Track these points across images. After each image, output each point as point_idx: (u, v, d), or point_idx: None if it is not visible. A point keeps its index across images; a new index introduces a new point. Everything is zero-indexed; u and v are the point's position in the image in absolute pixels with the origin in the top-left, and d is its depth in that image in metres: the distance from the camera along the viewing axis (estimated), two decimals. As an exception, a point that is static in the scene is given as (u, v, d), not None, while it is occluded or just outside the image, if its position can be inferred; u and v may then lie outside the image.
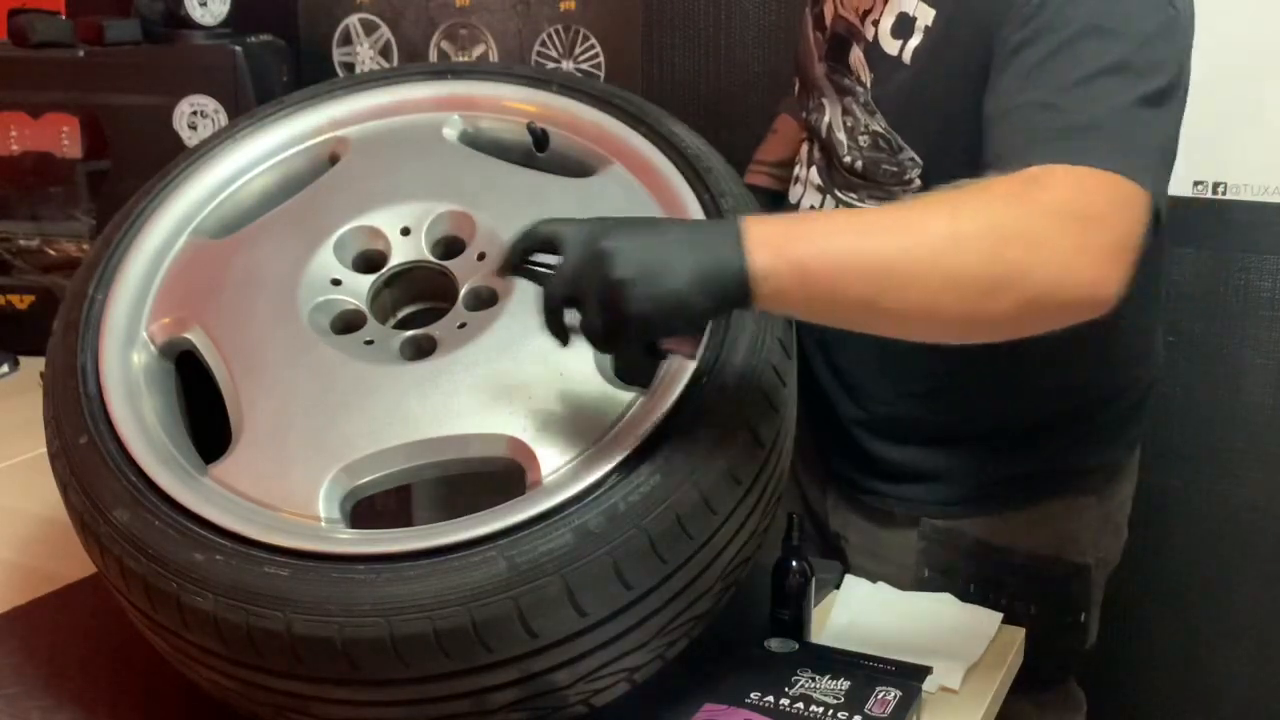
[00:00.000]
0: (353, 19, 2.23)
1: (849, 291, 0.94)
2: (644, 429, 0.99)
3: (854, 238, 0.95)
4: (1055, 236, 0.96)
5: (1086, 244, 0.96)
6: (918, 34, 1.23)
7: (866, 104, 1.29)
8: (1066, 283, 0.96)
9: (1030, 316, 0.98)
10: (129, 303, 1.15)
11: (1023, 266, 0.95)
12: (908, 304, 0.95)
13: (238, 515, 0.99)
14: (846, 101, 1.32)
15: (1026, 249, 0.95)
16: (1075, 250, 0.96)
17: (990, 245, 0.95)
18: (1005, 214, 0.97)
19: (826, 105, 1.35)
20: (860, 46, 1.30)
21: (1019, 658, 1.29)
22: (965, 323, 0.98)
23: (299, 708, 1.00)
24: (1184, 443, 1.84)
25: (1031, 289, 0.95)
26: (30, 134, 2.14)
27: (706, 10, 2.00)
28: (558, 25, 2.09)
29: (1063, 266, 0.95)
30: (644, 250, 0.93)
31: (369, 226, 1.17)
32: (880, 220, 1.00)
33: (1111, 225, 0.98)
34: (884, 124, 1.27)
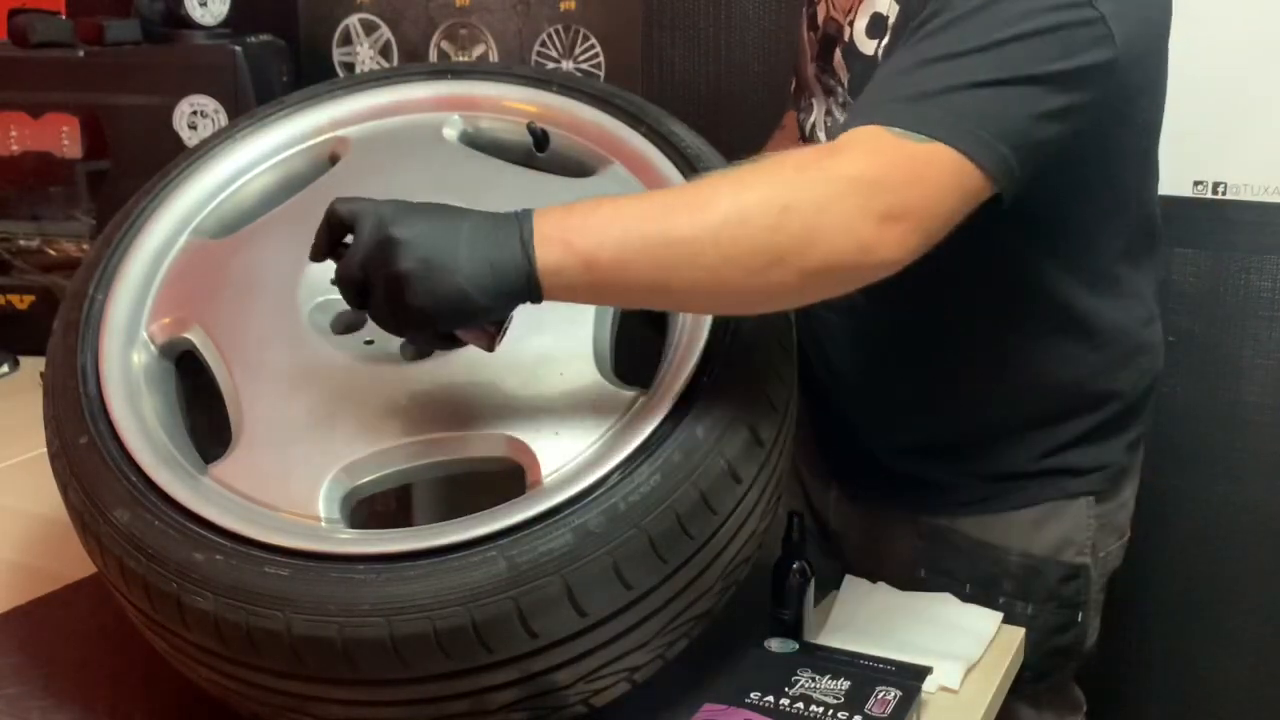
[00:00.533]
0: (353, 19, 2.23)
1: (637, 278, 0.95)
2: (644, 429, 0.99)
3: (638, 223, 0.95)
4: (836, 202, 0.96)
5: (867, 207, 0.96)
6: (888, 33, 1.24)
7: (845, 103, 1.30)
8: (843, 248, 0.96)
9: (813, 284, 0.99)
10: (129, 303, 1.15)
11: (802, 237, 0.95)
12: (695, 282, 0.95)
13: (238, 515, 0.99)
14: (829, 102, 1.33)
15: (806, 218, 0.95)
16: (856, 214, 0.96)
17: (773, 216, 0.94)
18: (791, 184, 0.97)
19: (815, 105, 1.36)
20: (840, 47, 1.31)
21: (1019, 658, 1.29)
22: (751, 294, 0.98)
23: (299, 708, 1.00)
24: (1184, 443, 1.84)
25: (812, 259, 0.96)
26: (30, 134, 2.14)
27: (706, 10, 2.00)
28: (558, 25, 2.09)
29: (843, 231, 0.96)
30: (430, 243, 0.93)
31: (369, 226, 1.17)
32: (666, 200, 0.99)
33: (900, 188, 0.98)
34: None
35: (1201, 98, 1.73)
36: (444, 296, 0.92)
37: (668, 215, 0.95)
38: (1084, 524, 1.39)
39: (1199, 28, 1.72)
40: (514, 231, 0.94)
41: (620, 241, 0.94)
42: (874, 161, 0.99)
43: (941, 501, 1.39)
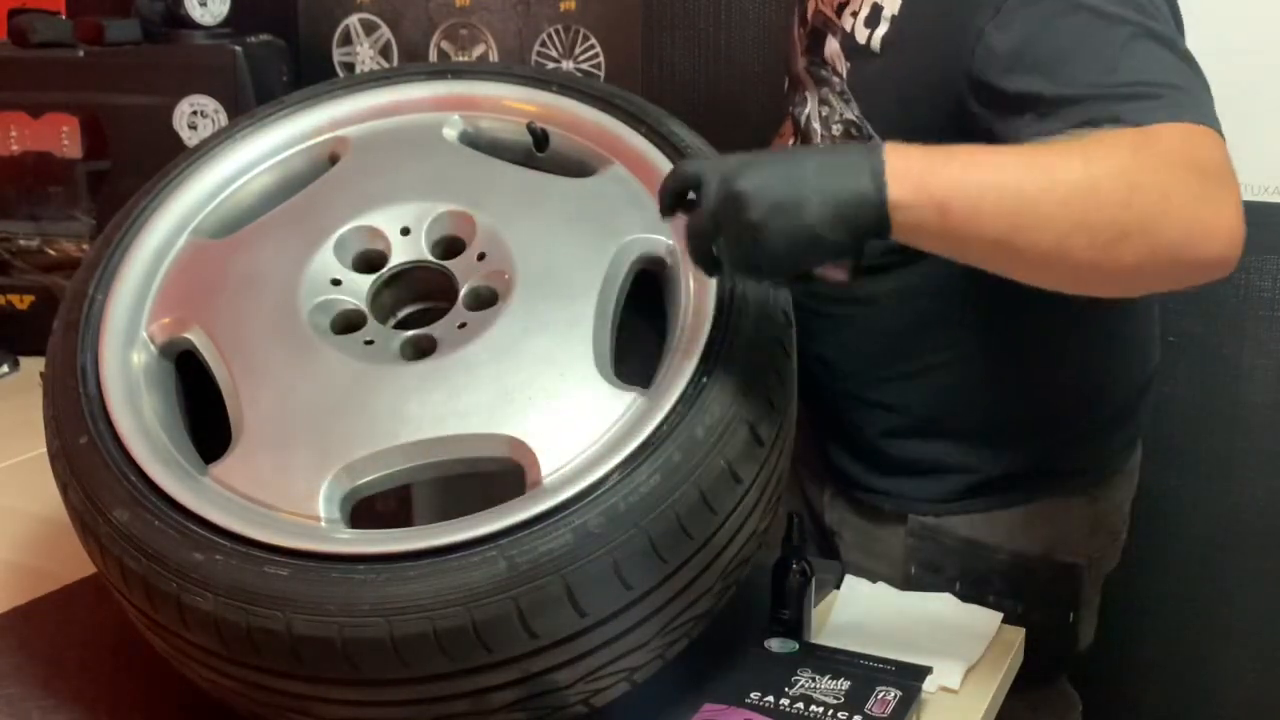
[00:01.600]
0: (353, 19, 2.23)
1: (984, 228, 0.95)
2: (644, 429, 0.99)
3: (993, 174, 0.96)
4: (1181, 188, 0.96)
5: (1210, 196, 0.97)
6: (885, 23, 1.24)
7: (842, 93, 1.30)
8: (1196, 234, 0.96)
9: (1156, 268, 0.98)
10: (129, 303, 1.15)
11: (1154, 215, 0.95)
12: (1040, 245, 0.95)
13: (238, 515, 0.99)
14: (823, 92, 1.33)
15: (1158, 199, 0.95)
16: (1201, 202, 0.96)
17: (1123, 193, 0.94)
18: (1134, 163, 0.96)
19: (808, 98, 1.36)
20: (836, 38, 1.31)
21: (1019, 658, 1.29)
22: (1092, 269, 0.97)
23: (299, 708, 1.00)
24: (1184, 443, 1.84)
25: (1162, 238, 0.95)
26: (30, 134, 2.14)
27: (706, 10, 2.00)
28: (558, 25, 2.09)
29: (1193, 218, 0.96)
30: (777, 189, 0.95)
31: (369, 226, 1.17)
32: (1017, 159, 0.98)
33: (1226, 178, 0.99)
34: (856, 112, 1.28)
35: (1201, 98, 1.73)
36: (796, 239, 0.94)
37: (1018, 173, 0.95)
38: (1076, 524, 1.39)
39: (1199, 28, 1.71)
40: (865, 167, 0.95)
41: (971, 189, 0.94)
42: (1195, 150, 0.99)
43: (932, 500, 1.39)
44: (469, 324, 1.09)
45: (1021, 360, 1.32)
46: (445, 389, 1.04)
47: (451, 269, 1.15)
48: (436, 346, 1.09)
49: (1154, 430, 1.49)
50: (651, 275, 1.14)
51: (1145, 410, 1.44)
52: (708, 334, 1.05)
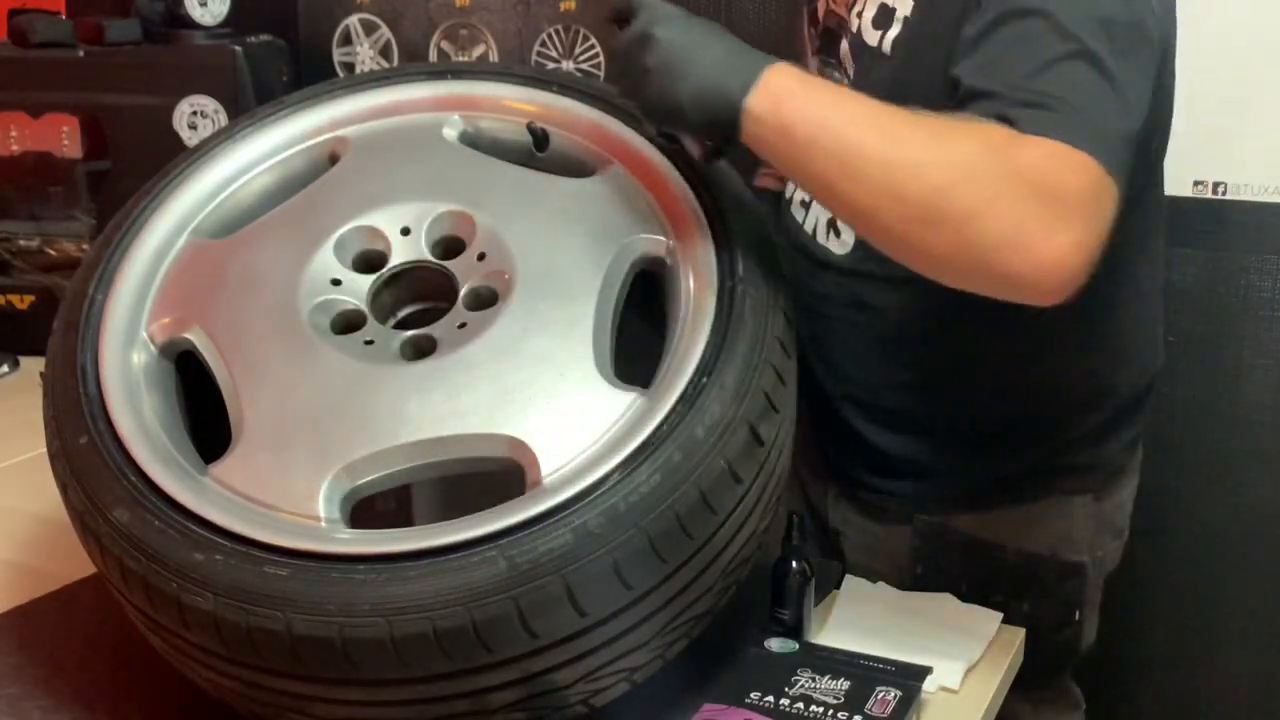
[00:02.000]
0: (353, 19, 2.23)
1: (813, 164, 1.02)
2: (644, 429, 0.99)
3: (844, 119, 1.01)
4: (1015, 199, 0.97)
5: (1044, 219, 0.97)
6: (896, 24, 1.24)
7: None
8: (1010, 248, 0.97)
9: (963, 265, 0.99)
10: (129, 303, 1.15)
11: (969, 211, 0.97)
12: (856, 199, 1.01)
13: (238, 515, 0.99)
14: None
15: (983, 199, 0.97)
16: (1029, 216, 0.97)
17: (948, 181, 0.97)
18: (983, 159, 0.98)
19: None
20: (847, 39, 1.31)
21: (1019, 658, 1.29)
22: (900, 242, 1.02)
23: (299, 708, 1.00)
24: (1184, 443, 1.84)
25: (971, 237, 0.97)
26: (30, 134, 2.14)
27: (706, 10, 2.00)
28: (558, 25, 2.09)
29: (1014, 232, 0.96)
30: (676, 49, 1.03)
31: (369, 226, 1.17)
32: (876, 117, 1.02)
33: (1075, 209, 0.98)
34: None
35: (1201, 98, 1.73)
36: (666, 101, 1.04)
37: (866, 128, 1.01)
38: (1081, 522, 1.39)
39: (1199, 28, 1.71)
40: (746, 69, 1.03)
41: (821, 128, 1.01)
42: (1058, 174, 0.99)
43: (938, 500, 1.39)
44: (469, 324, 1.09)
45: (1026, 363, 1.32)
46: (445, 389, 1.04)
47: (451, 269, 1.15)
48: (436, 346, 1.09)
49: (1154, 430, 1.49)
50: (651, 275, 1.14)
51: (1147, 410, 1.44)
52: (708, 334, 1.05)
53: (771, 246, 1.14)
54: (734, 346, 1.04)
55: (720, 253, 1.10)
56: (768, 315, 1.07)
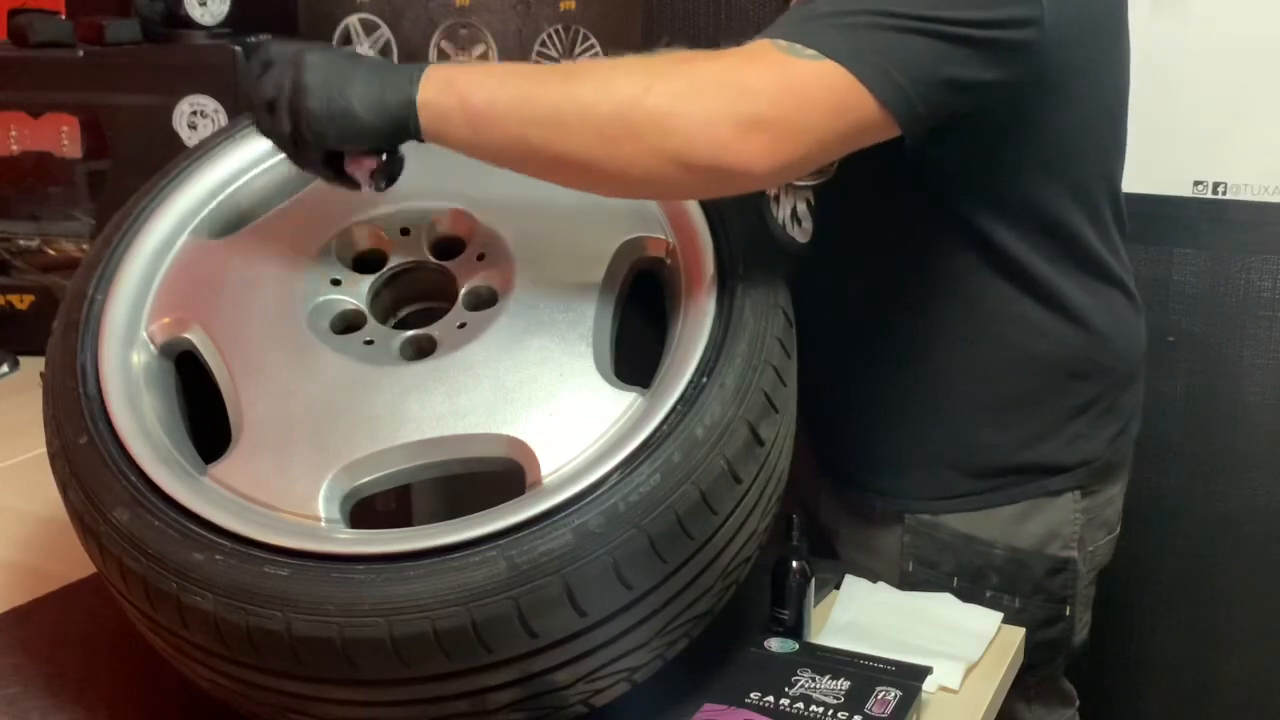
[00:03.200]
0: (353, 19, 2.23)
1: (505, 128, 1.02)
2: (644, 429, 0.99)
3: (519, 81, 1.03)
4: (700, 96, 0.99)
5: (730, 109, 0.99)
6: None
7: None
8: (698, 140, 0.99)
9: (672, 171, 1.01)
10: (129, 302, 1.15)
11: (658, 119, 0.99)
12: (552, 142, 1.01)
13: (238, 515, 0.99)
14: None
15: (666, 102, 0.99)
16: (717, 112, 0.99)
17: (634, 94, 0.99)
18: (663, 73, 1.01)
19: None
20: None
21: (1019, 658, 1.29)
22: (604, 167, 1.02)
23: (299, 708, 1.00)
24: (1184, 443, 1.84)
25: (668, 144, 0.99)
26: (30, 134, 2.14)
27: (706, 10, 2.00)
28: (558, 25, 2.09)
29: (701, 124, 0.99)
30: (333, 66, 1.05)
31: (369, 226, 1.17)
32: (550, 69, 1.07)
33: (771, 98, 1.01)
34: None
35: (1201, 98, 1.73)
36: (336, 109, 1.03)
37: (545, 78, 1.03)
38: (1069, 518, 1.40)
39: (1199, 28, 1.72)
40: (406, 70, 1.05)
41: (495, 89, 1.02)
42: (749, 68, 1.02)
43: (926, 499, 1.39)
44: (469, 324, 1.09)
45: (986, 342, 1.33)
46: (445, 389, 1.04)
47: (451, 269, 1.15)
48: (436, 346, 1.09)
49: (1154, 430, 1.49)
50: (651, 275, 1.14)
51: (1132, 404, 1.44)
52: (708, 334, 1.05)
53: (772, 246, 1.14)
54: (734, 346, 1.04)
55: (720, 253, 1.10)
56: (768, 315, 1.07)
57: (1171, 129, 1.74)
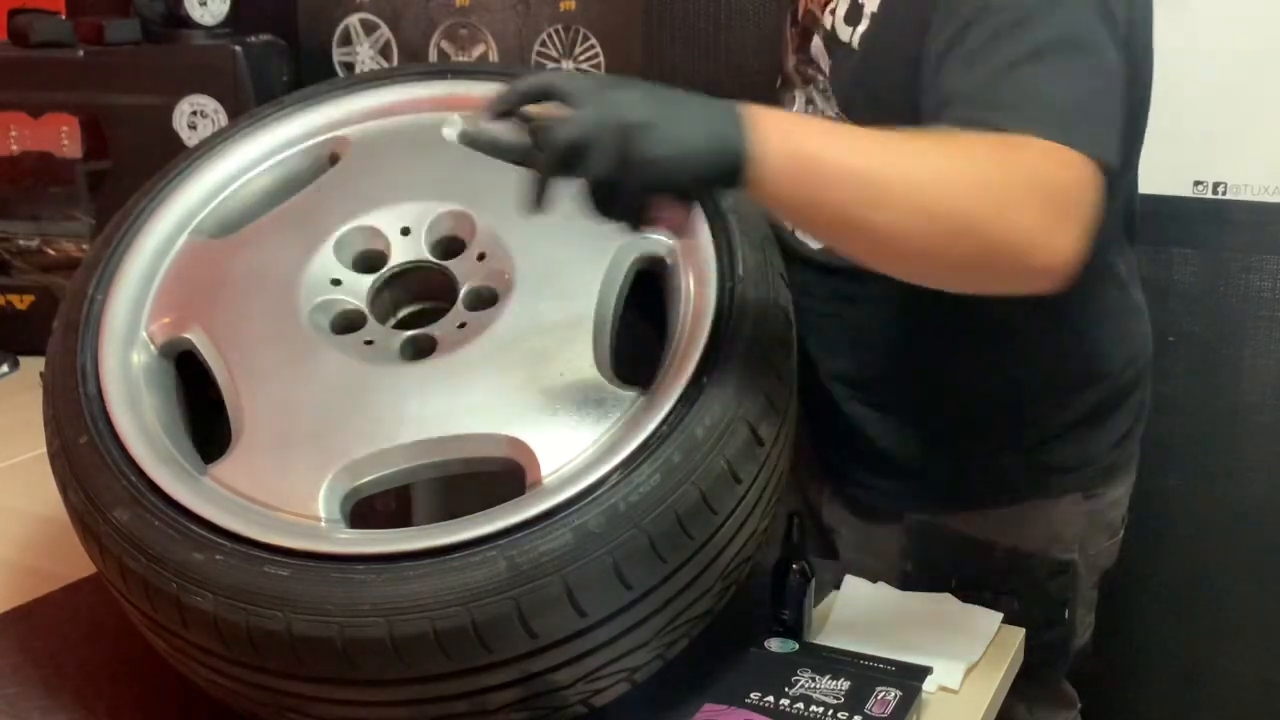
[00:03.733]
0: (353, 19, 2.23)
1: (830, 194, 0.97)
2: (644, 429, 0.99)
3: (848, 144, 0.99)
4: (1026, 202, 0.99)
5: (1052, 218, 1.00)
6: (865, 20, 1.25)
7: (824, 90, 1.31)
8: (1027, 246, 0.99)
9: (986, 270, 1.02)
10: (129, 302, 1.15)
11: (992, 218, 0.98)
12: (879, 222, 0.97)
13: (238, 515, 0.99)
14: (809, 90, 1.35)
15: (1000, 205, 0.99)
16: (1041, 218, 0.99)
17: (970, 191, 0.98)
18: (990, 168, 1.00)
19: (798, 96, 1.38)
20: (820, 35, 1.32)
21: (1019, 657, 1.29)
22: (927, 258, 1.00)
23: (299, 708, 1.00)
24: (1184, 443, 1.84)
25: (996, 241, 0.99)
26: (30, 134, 2.14)
27: (706, 10, 2.00)
28: (558, 25, 2.09)
29: (1029, 230, 0.99)
30: (659, 101, 0.97)
31: (369, 226, 1.17)
32: (876, 138, 1.01)
33: (1071, 206, 1.01)
34: (835, 109, 1.29)
35: (1201, 98, 1.73)
36: (675, 147, 0.95)
37: (874, 151, 0.99)
38: (1071, 520, 1.39)
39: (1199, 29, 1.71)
40: (732, 110, 0.98)
41: (825, 153, 0.97)
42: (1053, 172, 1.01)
43: (928, 499, 1.39)
44: (469, 324, 1.09)
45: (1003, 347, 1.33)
46: (445, 389, 1.04)
47: (451, 269, 1.15)
48: (436, 346, 1.09)
49: (1154, 430, 1.49)
50: (651, 275, 1.14)
51: (1137, 407, 1.43)
52: (708, 334, 1.05)
53: (772, 246, 1.14)
54: (734, 346, 1.04)
55: (720, 253, 1.10)
56: (768, 315, 1.07)
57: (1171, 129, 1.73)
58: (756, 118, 0.97)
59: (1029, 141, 1.01)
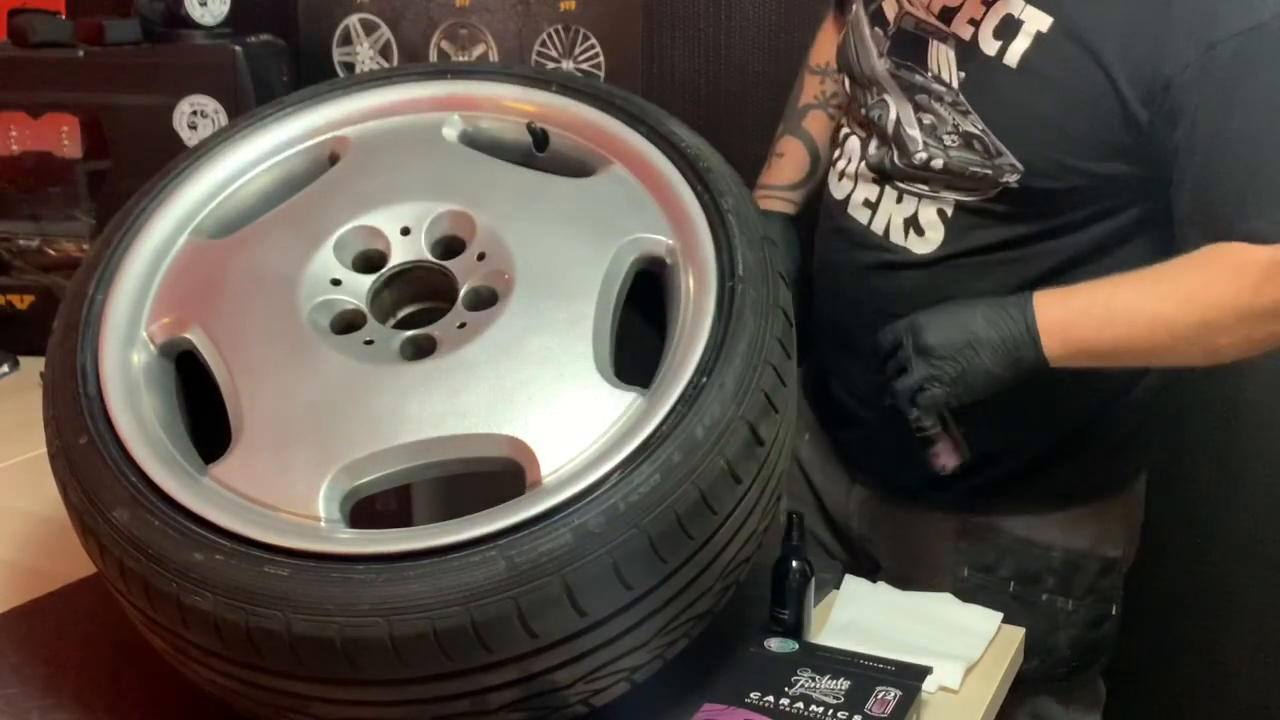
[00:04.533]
0: (353, 19, 2.23)
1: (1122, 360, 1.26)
2: (644, 429, 0.99)
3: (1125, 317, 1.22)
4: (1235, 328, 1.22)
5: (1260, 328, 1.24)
6: (1024, 38, 1.24)
7: (956, 104, 1.29)
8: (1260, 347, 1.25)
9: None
10: (129, 303, 1.15)
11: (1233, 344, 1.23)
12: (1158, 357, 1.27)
13: (237, 515, 0.99)
14: (921, 99, 1.32)
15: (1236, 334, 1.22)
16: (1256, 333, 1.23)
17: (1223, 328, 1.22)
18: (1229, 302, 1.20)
19: (891, 102, 1.36)
20: (948, 45, 1.30)
21: (1019, 657, 1.29)
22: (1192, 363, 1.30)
23: (299, 708, 1.00)
24: (1184, 443, 1.84)
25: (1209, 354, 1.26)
26: (30, 134, 2.14)
27: (706, 10, 2.00)
28: (558, 25, 2.09)
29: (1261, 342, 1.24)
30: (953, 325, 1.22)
31: (369, 226, 1.17)
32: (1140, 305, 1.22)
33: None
34: (980, 125, 1.28)
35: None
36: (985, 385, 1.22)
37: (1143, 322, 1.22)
38: (1118, 520, 1.42)
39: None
40: (1021, 321, 1.22)
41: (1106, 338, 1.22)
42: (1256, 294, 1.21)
43: (987, 500, 1.40)
44: (469, 324, 1.09)
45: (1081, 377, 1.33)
46: (445, 389, 1.04)
47: (451, 269, 1.15)
48: (436, 346, 1.09)
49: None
50: (651, 275, 1.14)
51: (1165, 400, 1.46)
52: (708, 334, 1.05)
53: (772, 246, 1.14)
54: (734, 346, 1.04)
55: (720, 253, 1.10)
56: (768, 315, 1.07)
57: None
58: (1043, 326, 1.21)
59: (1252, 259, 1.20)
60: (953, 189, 1.32)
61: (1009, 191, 1.28)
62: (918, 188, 1.34)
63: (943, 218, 1.34)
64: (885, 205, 1.38)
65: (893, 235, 1.37)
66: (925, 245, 1.35)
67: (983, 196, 1.30)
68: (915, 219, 1.35)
